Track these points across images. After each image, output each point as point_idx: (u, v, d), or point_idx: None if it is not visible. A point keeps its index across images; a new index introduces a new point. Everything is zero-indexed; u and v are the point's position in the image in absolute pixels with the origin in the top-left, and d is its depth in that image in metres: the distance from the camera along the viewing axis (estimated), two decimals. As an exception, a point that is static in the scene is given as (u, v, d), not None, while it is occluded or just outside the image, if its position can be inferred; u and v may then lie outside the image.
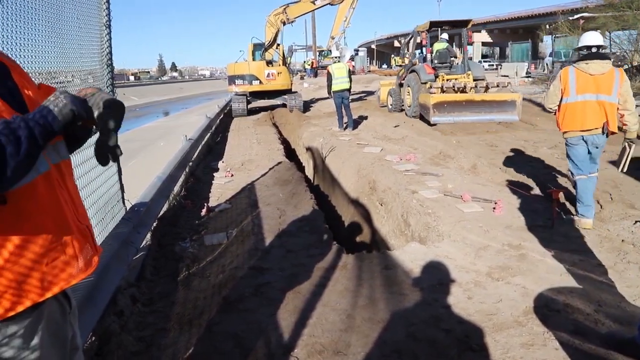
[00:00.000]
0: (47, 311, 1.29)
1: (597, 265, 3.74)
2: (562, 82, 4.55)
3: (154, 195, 5.09)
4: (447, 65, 12.56)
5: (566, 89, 4.52)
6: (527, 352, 2.64)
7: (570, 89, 4.49)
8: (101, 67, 3.93)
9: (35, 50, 2.54)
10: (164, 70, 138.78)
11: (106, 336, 3.07)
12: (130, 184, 4.66)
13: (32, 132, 1.11)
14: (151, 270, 4.40)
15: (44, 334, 1.27)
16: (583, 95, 4.44)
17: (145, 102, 44.05)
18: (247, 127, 15.02)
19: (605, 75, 4.38)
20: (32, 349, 1.23)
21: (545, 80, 22.88)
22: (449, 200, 5.47)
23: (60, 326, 1.35)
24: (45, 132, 1.16)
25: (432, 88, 11.34)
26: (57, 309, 1.34)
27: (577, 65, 4.50)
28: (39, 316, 1.26)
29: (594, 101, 4.41)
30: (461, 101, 10.76)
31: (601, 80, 4.39)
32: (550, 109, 4.77)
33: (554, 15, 30.69)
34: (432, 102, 10.60)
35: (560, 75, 4.61)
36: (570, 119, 4.54)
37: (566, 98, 4.53)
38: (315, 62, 48.91)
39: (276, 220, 5.35)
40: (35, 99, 1.33)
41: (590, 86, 4.41)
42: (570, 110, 4.52)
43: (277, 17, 17.44)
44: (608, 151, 7.71)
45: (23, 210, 1.18)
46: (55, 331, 1.32)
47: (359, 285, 3.54)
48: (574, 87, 4.47)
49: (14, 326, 1.20)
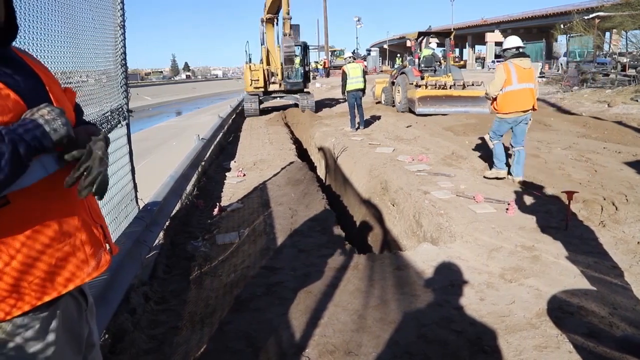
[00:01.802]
0: (62, 307, 1.29)
1: (612, 267, 3.69)
2: (505, 74, 5.80)
3: (166, 194, 5.13)
4: (432, 69, 14.80)
5: (509, 79, 5.80)
6: (540, 354, 2.61)
7: (513, 79, 5.80)
8: (115, 67, 3.97)
9: (52, 50, 2.57)
10: (177, 70, 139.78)
11: (119, 334, 3.10)
12: (144, 183, 4.71)
13: (16, 148, 1.05)
14: (164, 269, 4.44)
15: (59, 330, 1.27)
16: (522, 84, 5.81)
17: (158, 102, 44.35)
18: (259, 127, 15.07)
19: (529, 69, 5.92)
20: (47, 344, 1.24)
21: (560, 81, 22.66)
22: (462, 201, 5.44)
23: (76, 323, 1.36)
24: (33, 150, 1.09)
25: (418, 85, 13.38)
26: (73, 306, 1.35)
27: (513, 61, 5.87)
28: (54, 312, 1.26)
29: (527, 88, 5.84)
30: (442, 96, 13.02)
31: (528, 73, 5.89)
32: (494, 96, 5.99)
33: (569, 15, 30.33)
34: (418, 96, 12.97)
35: (503, 68, 5.86)
36: (513, 103, 5.86)
37: (509, 87, 5.81)
38: (327, 62, 48.94)
39: (288, 220, 5.36)
40: (63, 101, 1.32)
41: (524, 77, 5.83)
42: (512, 95, 5.85)
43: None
44: (624, 152, 7.65)
45: (32, 209, 1.18)
46: (70, 327, 1.32)
47: (371, 285, 3.53)
48: (515, 77, 5.79)
49: (29, 322, 1.21)
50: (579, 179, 6.15)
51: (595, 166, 6.84)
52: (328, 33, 48.94)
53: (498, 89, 5.87)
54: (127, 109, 4.18)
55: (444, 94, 13.07)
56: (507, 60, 5.92)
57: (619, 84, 18.63)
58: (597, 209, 5.00)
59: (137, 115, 4.59)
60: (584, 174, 6.41)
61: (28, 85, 1.21)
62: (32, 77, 1.27)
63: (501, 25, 55.17)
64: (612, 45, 26.62)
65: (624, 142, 8.78)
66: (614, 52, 24.14)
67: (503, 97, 5.87)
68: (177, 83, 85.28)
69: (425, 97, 12.93)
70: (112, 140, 3.78)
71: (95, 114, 3.36)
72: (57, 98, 1.29)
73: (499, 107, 5.97)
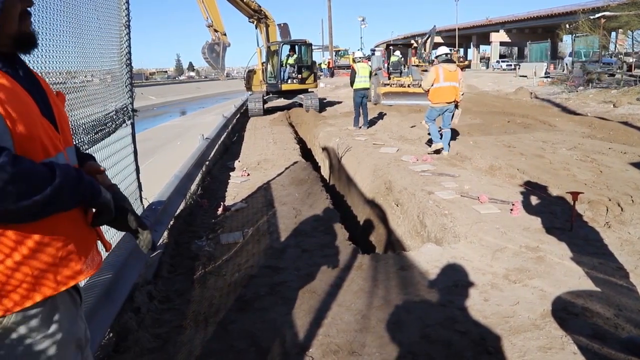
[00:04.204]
0: (61, 302, 1.32)
1: (617, 268, 3.67)
2: (435, 74, 7.74)
3: (171, 193, 5.14)
4: (398, 72, 19.69)
5: (437, 78, 7.73)
6: (544, 355, 2.61)
7: (440, 79, 7.72)
8: (120, 67, 3.98)
9: (57, 49, 2.58)
10: (182, 70, 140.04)
11: (123, 332, 3.11)
12: (148, 183, 4.72)
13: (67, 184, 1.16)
14: (168, 268, 4.45)
15: (62, 323, 1.31)
16: (447, 83, 7.73)
17: (162, 102, 44.47)
18: (263, 126, 15.08)
19: (454, 72, 7.80)
20: (50, 337, 1.27)
21: (565, 81, 22.58)
22: (466, 201, 5.43)
23: (74, 317, 1.39)
24: (79, 196, 1.23)
25: (385, 84, 18.38)
26: (69, 301, 1.38)
27: (442, 65, 7.80)
28: (54, 307, 1.29)
29: (451, 86, 7.75)
30: (400, 92, 17.68)
31: (453, 74, 7.76)
32: (426, 89, 8.04)
33: (574, 15, 30.17)
34: (382, 92, 17.76)
35: (434, 70, 7.82)
36: (440, 96, 7.80)
37: (437, 84, 7.75)
38: (332, 62, 48.91)
39: (292, 219, 5.36)
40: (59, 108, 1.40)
41: (450, 77, 7.73)
42: (440, 90, 7.79)
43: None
44: (629, 153, 7.62)
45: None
46: (70, 321, 1.36)
47: (374, 285, 3.53)
48: (443, 77, 7.70)
49: (32, 316, 1.23)
50: (584, 180, 6.12)
51: (600, 167, 6.81)
52: (332, 33, 48.97)
53: (429, 85, 7.88)
54: (131, 108, 4.19)
55: (401, 90, 17.91)
56: (438, 64, 7.92)
57: (625, 84, 18.55)
58: (603, 210, 4.98)
59: (141, 115, 4.59)
60: (589, 175, 6.38)
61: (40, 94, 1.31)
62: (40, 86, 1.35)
63: (506, 25, 55.01)
64: (617, 45, 26.47)
65: (629, 143, 8.74)
66: (619, 52, 24.02)
67: (433, 91, 7.87)
68: (181, 83, 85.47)
69: (388, 93, 17.62)
70: (117, 139, 3.80)
71: (100, 114, 3.37)
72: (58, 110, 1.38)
73: (431, 98, 7.99)
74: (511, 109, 15.41)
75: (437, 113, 7.96)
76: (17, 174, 1.03)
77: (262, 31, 18.51)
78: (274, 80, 18.00)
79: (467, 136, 9.97)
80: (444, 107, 7.87)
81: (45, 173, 1.11)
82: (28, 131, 1.15)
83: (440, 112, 7.94)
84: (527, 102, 18.86)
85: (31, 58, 2.13)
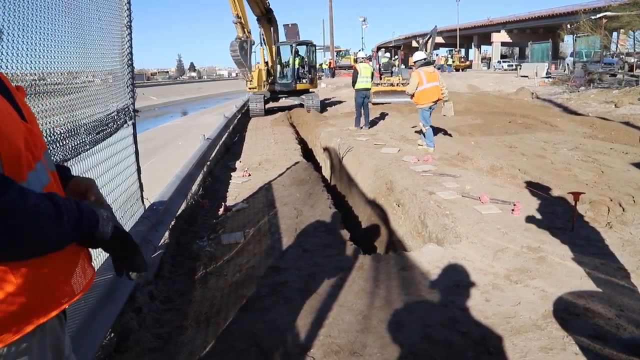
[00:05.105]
0: (49, 327, 1.22)
1: (618, 269, 3.67)
2: (418, 78, 8.42)
3: (172, 194, 5.15)
4: (389, 72, 22.58)
5: (421, 81, 8.40)
6: (546, 356, 2.60)
7: (424, 81, 8.40)
8: (122, 67, 3.98)
9: (59, 50, 2.58)
10: (183, 71, 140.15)
11: (125, 332, 3.11)
12: (149, 183, 4.72)
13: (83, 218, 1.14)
14: (169, 268, 4.45)
15: (49, 350, 1.23)
16: (430, 83, 8.42)
17: (164, 102, 44.48)
18: (264, 127, 15.08)
19: (434, 73, 8.69)
20: None
21: (566, 81, 22.56)
22: (467, 201, 5.43)
23: (60, 339, 1.31)
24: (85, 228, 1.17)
25: (377, 84, 19.06)
26: (56, 322, 1.28)
27: (422, 69, 8.54)
28: (43, 333, 1.20)
29: (434, 86, 8.47)
30: (389, 91, 18.87)
31: (433, 75, 8.57)
32: (411, 94, 8.66)
33: (576, 15, 30.11)
34: (372, 91, 16.99)
35: (416, 75, 8.47)
36: (427, 96, 8.44)
37: (422, 86, 8.40)
38: (333, 62, 48.91)
39: (293, 220, 5.36)
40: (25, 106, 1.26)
41: (431, 78, 8.45)
42: (426, 92, 8.43)
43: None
44: (631, 153, 7.61)
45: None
46: (56, 345, 1.27)
47: (376, 286, 3.53)
48: (425, 79, 8.40)
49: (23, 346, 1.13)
50: (586, 180, 6.12)
51: (602, 167, 6.81)
52: (334, 33, 48.97)
53: (413, 89, 8.53)
54: (133, 108, 4.19)
55: (390, 89, 19.12)
56: (418, 69, 8.61)
57: (626, 84, 18.52)
58: (604, 210, 4.97)
59: (143, 115, 4.61)
60: (591, 175, 6.38)
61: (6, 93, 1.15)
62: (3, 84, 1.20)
63: (507, 25, 54.94)
64: (619, 46, 26.43)
65: (631, 143, 8.73)
66: (621, 52, 23.98)
67: (420, 93, 8.48)
68: (183, 83, 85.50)
69: (377, 92, 18.57)
70: (119, 139, 3.80)
71: (101, 114, 3.38)
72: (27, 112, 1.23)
73: (418, 100, 8.54)
74: (512, 109, 15.41)
75: (428, 112, 8.58)
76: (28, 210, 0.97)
77: (269, 31, 18.44)
78: (286, 80, 18.38)
79: (468, 136, 9.96)
80: (432, 106, 8.62)
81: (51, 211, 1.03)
82: (13, 146, 1.04)
83: (430, 111, 8.60)
84: (528, 103, 18.84)
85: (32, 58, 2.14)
